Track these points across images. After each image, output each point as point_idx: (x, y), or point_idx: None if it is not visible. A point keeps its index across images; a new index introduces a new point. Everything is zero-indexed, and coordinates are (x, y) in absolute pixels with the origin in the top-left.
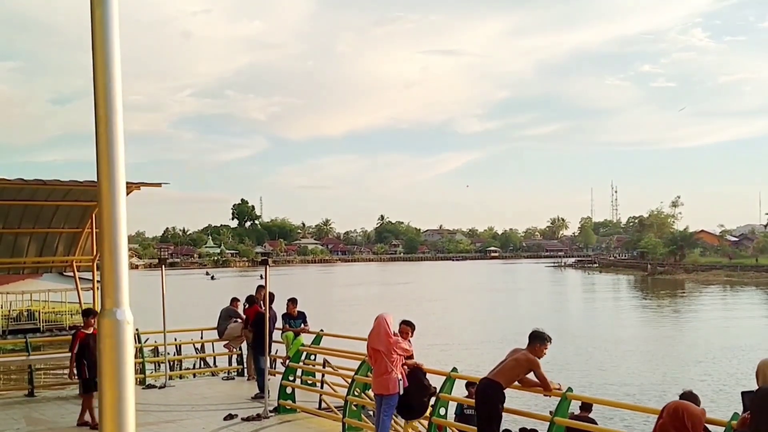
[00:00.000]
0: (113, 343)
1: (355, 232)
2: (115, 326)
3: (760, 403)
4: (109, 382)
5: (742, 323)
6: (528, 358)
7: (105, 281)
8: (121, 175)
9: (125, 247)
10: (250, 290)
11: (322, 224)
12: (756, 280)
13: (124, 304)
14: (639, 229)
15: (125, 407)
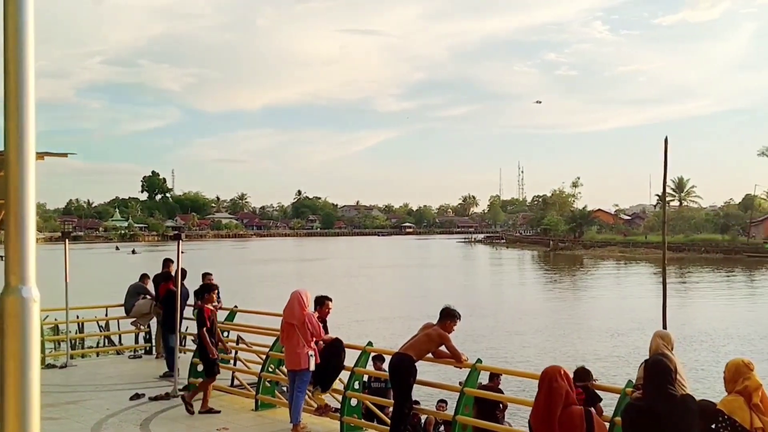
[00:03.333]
0: (18, 323)
1: (272, 207)
2: (20, 305)
3: (650, 370)
4: (14, 363)
5: (636, 295)
6: (439, 333)
7: (10, 257)
8: (31, 145)
9: (32, 221)
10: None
11: (237, 198)
12: (646, 256)
13: (31, 281)
14: (542, 207)
15: (30, 389)
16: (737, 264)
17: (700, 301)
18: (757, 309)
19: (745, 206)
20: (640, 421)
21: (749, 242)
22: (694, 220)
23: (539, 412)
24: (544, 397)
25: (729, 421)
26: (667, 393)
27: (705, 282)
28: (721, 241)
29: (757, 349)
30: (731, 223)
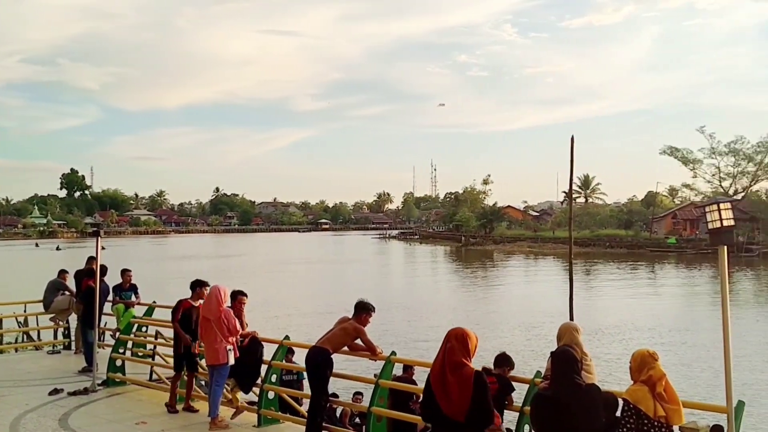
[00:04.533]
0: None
1: (190, 204)
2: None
3: (556, 361)
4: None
5: (545, 289)
6: (355, 326)
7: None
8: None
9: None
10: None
11: (156, 196)
12: (554, 251)
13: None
14: (455, 204)
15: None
16: (640, 258)
17: (606, 295)
18: (661, 301)
19: (647, 203)
20: (546, 410)
21: (651, 237)
22: (600, 216)
23: (436, 369)
24: (442, 355)
25: (634, 410)
26: (572, 382)
27: (611, 276)
28: (625, 236)
29: (662, 340)
30: (634, 219)
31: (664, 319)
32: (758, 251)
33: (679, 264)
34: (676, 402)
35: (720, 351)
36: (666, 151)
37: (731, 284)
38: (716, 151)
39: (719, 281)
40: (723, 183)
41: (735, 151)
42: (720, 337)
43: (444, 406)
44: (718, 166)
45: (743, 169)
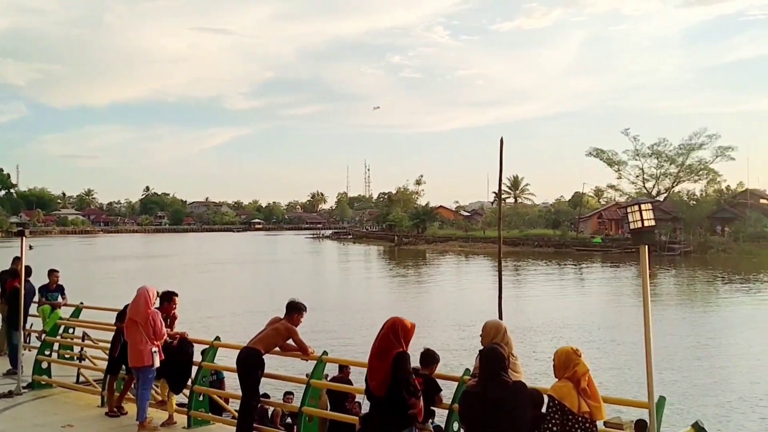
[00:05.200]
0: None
1: (120, 203)
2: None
3: (484, 358)
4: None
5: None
6: (287, 326)
7: None
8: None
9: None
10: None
11: (84, 194)
12: (484, 250)
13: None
14: (388, 204)
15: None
16: (567, 257)
17: (535, 293)
18: (587, 299)
19: (574, 203)
20: (474, 407)
21: (578, 237)
22: (528, 216)
23: (371, 352)
24: (376, 341)
25: (559, 406)
26: (500, 380)
27: (539, 275)
28: (553, 235)
29: (590, 337)
30: (562, 219)
31: (591, 317)
32: (680, 250)
33: (604, 263)
34: (597, 398)
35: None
36: (592, 153)
37: (655, 282)
38: (640, 153)
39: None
40: (647, 184)
41: (658, 153)
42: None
43: (371, 384)
44: (642, 168)
45: (666, 171)
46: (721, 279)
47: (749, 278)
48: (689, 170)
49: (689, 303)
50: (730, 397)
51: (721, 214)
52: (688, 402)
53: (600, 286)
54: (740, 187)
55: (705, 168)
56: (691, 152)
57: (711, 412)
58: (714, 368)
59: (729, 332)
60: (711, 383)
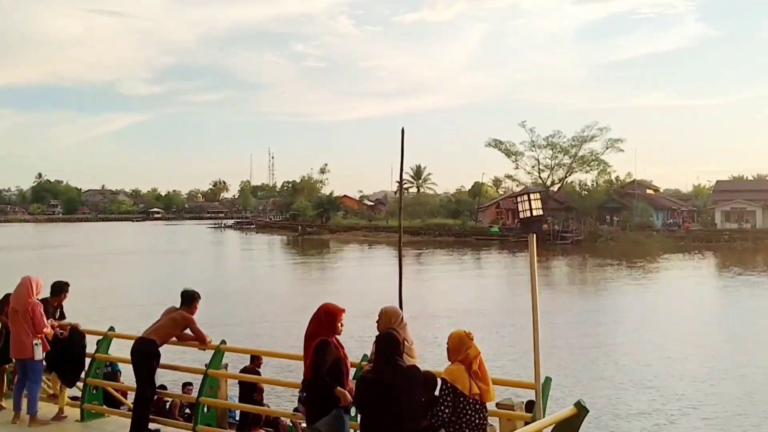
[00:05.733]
0: None
1: (9, 191)
2: None
3: (379, 343)
4: None
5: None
6: (183, 315)
7: None
8: None
9: None
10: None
11: None
12: (387, 239)
13: None
14: (292, 193)
15: None
16: (467, 246)
17: (436, 281)
18: (485, 286)
19: (474, 193)
20: (370, 391)
21: (477, 226)
22: (430, 205)
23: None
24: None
25: (451, 389)
26: (395, 364)
27: (440, 263)
28: (453, 225)
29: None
30: (462, 209)
31: (489, 303)
32: (571, 239)
33: (501, 251)
34: (487, 381)
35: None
36: (491, 144)
37: (548, 270)
38: (536, 144)
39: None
40: (542, 174)
41: (552, 145)
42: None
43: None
44: (538, 159)
45: (560, 162)
46: (609, 266)
47: (635, 266)
48: (581, 161)
49: (580, 289)
50: (622, 379)
51: (611, 204)
52: (578, 383)
53: (497, 274)
54: (628, 177)
55: (596, 159)
56: (584, 144)
57: (601, 393)
58: (604, 351)
59: (618, 317)
60: (601, 365)
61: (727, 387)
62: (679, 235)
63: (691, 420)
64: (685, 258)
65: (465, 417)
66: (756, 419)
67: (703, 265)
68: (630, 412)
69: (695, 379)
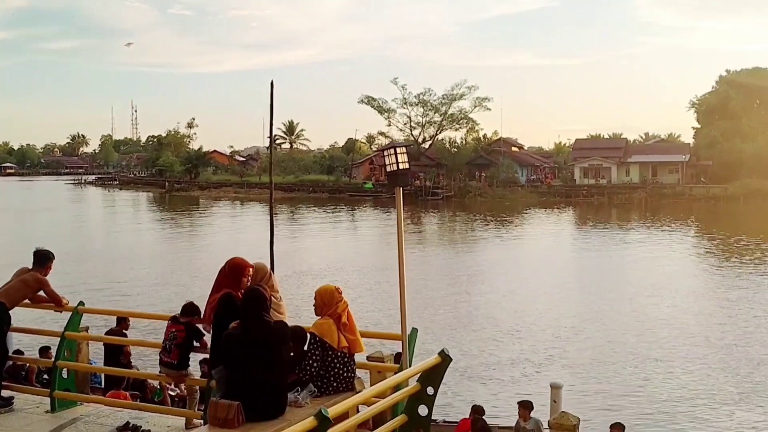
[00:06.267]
0: None
1: None
2: None
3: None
4: None
5: (251, 234)
6: (36, 277)
7: None
8: None
9: None
10: None
11: None
12: (260, 196)
13: None
14: (157, 147)
15: None
16: (341, 202)
17: (311, 237)
18: (359, 243)
19: (347, 149)
20: (236, 349)
21: (351, 182)
22: (303, 161)
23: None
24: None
25: (320, 342)
26: (261, 320)
27: (314, 220)
28: (327, 181)
29: (362, 278)
30: (336, 165)
31: (364, 259)
32: (442, 195)
33: (375, 207)
34: (355, 332)
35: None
36: (364, 100)
37: (420, 225)
38: (408, 101)
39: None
40: (414, 131)
41: (423, 102)
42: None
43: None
44: (410, 116)
45: (431, 119)
46: (478, 221)
47: (502, 220)
48: (451, 119)
49: (451, 243)
50: (491, 330)
51: (479, 160)
52: (449, 334)
53: (371, 230)
54: (495, 135)
55: (465, 117)
56: (453, 102)
57: (472, 344)
58: (474, 303)
59: (486, 269)
60: (471, 317)
61: (589, 334)
62: (541, 190)
63: (556, 367)
64: (547, 212)
65: (333, 370)
66: (616, 365)
67: (563, 219)
68: (500, 360)
69: (560, 328)
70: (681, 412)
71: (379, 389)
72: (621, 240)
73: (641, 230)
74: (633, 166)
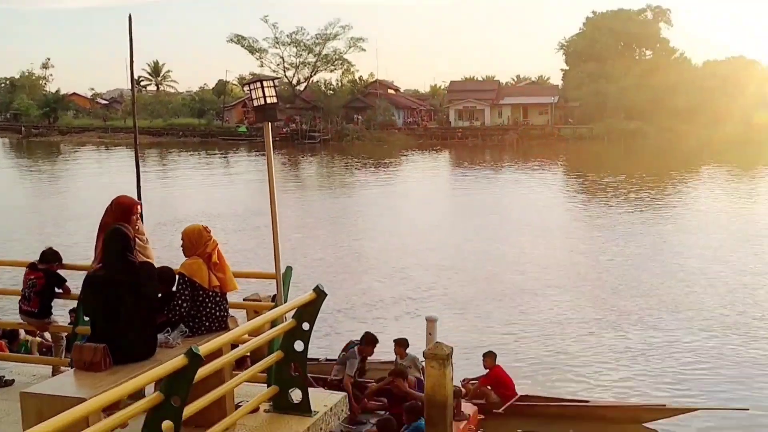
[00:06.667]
0: None
1: None
2: None
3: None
4: None
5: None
6: None
7: None
8: None
9: None
10: None
11: None
12: (127, 141)
13: None
14: (11, 90)
15: None
16: (214, 147)
17: (183, 184)
18: (235, 188)
19: (218, 92)
20: (98, 291)
21: (224, 126)
22: (172, 104)
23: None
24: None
25: (189, 282)
26: (125, 260)
27: (186, 165)
28: (198, 125)
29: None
30: (207, 108)
31: (240, 205)
32: (319, 138)
33: (251, 151)
34: (226, 271)
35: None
36: (233, 39)
37: (298, 168)
38: (280, 41)
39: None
40: (287, 73)
41: (296, 42)
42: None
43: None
44: (282, 56)
45: (305, 60)
46: (356, 164)
47: (380, 163)
48: (326, 60)
49: (329, 186)
50: (370, 268)
51: (355, 103)
52: (329, 273)
53: (247, 175)
54: (371, 78)
55: (340, 58)
56: (327, 42)
57: (353, 283)
58: (353, 244)
59: (364, 210)
60: (350, 257)
61: (468, 272)
62: (418, 133)
63: (437, 304)
64: (424, 154)
65: (205, 310)
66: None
67: (440, 161)
68: (383, 299)
69: (440, 267)
70: (552, 339)
71: (253, 326)
72: (495, 180)
73: (514, 171)
74: (505, 107)
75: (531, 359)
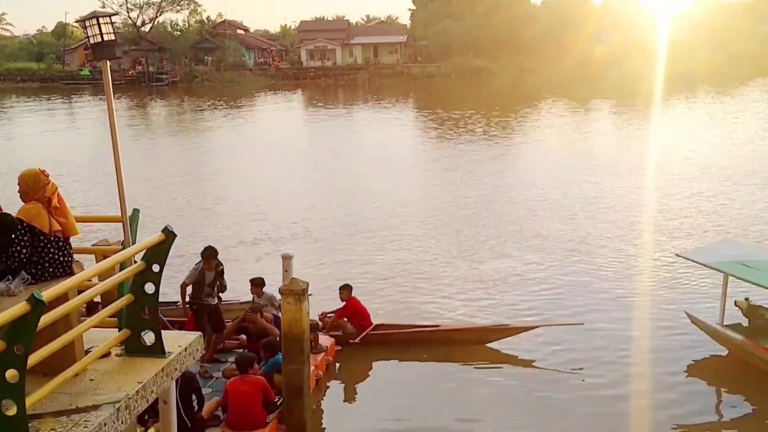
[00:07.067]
0: None
1: None
2: None
3: None
4: None
5: None
6: None
7: None
8: None
9: None
10: None
11: None
12: None
13: None
14: None
15: None
16: (56, 92)
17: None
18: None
19: (58, 34)
20: None
21: (65, 70)
22: (8, 49)
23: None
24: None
25: (28, 228)
26: None
27: (27, 112)
28: (38, 70)
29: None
30: (46, 52)
31: (84, 153)
32: (168, 80)
33: (95, 95)
34: (67, 215)
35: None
36: None
37: (147, 112)
38: None
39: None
40: (132, 14)
41: None
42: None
43: None
44: None
45: (149, 0)
46: (207, 106)
47: (232, 104)
48: (171, 0)
49: (181, 130)
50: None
51: (204, 44)
52: (183, 220)
53: (92, 120)
54: (219, 18)
55: None
56: None
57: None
58: (207, 186)
59: (219, 154)
60: (209, 201)
61: (327, 210)
62: (270, 73)
63: (296, 242)
64: (276, 95)
65: (47, 256)
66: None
67: (293, 102)
68: (242, 241)
69: (298, 207)
70: (408, 270)
71: (100, 268)
72: (349, 119)
73: (366, 110)
74: (356, 47)
75: (387, 290)
